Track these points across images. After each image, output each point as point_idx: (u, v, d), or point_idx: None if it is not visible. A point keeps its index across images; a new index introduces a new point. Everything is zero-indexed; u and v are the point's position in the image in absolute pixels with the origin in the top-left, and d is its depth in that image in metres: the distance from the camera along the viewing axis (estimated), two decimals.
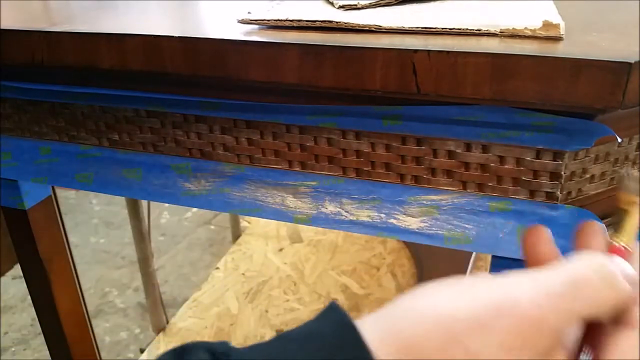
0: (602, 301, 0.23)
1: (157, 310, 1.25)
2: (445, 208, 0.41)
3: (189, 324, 1.28)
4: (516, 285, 0.22)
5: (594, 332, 0.24)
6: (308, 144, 0.42)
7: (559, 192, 0.37)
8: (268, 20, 0.41)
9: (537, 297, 0.22)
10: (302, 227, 1.59)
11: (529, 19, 0.37)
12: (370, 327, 0.21)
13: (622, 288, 0.23)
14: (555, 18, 0.36)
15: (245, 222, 1.64)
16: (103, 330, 1.31)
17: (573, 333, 0.24)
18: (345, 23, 0.39)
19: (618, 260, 0.25)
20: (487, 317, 0.21)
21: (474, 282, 0.23)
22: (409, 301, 0.23)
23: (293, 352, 0.21)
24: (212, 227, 1.71)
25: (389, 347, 0.21)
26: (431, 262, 1.31)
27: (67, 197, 1.90)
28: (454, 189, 0.40)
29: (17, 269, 1.53)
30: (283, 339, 0.22)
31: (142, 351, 1.24)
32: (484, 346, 0.20)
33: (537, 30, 0.35)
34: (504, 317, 0.21)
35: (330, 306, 0.22)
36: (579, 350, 0.24)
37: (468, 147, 0.38)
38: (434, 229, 0.41)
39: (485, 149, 0.37)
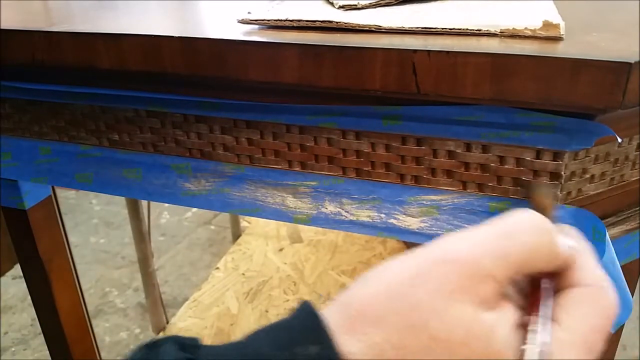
0: (536, 247, 0.23)
1: (157, 310, 1.25)
2: (445, 208, 0.41)
3: (189, 324, 1.28)
4: (452, 240, 0.23)
5: (543, 296, 0.24)
6: (308, 144, 0.42)
7: (559, 192, 0.37)
8: (268, 20, 0.41)
9: (472, 245, 0.22)
10: (302, 227, 1.59)
11: (529, 19, 0.37)
12: (331, 307, 0.23)
13: (555, 237, 0.24)
14: (556, 18, 0.36)
15: (245, 222, 1.64)
16: (103, 330, 1.31)
17: (518, 287, 0.24)
18: (345, 23, 0.39)
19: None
20: (425, 268, 0.22)
21: (417, 249, 0.24)
22: (362, 277, 0.24)
23: (260, 341, 0.22)
24: (212, 227, 1.71)
25: (344, 318, 0.22)
26: None
27: (67, 197, 1.90)
28: (454, 189, 0.40)
29: (17, 269, 1.53)
30: (254, 333, 0.23)
31: None
32: (425, 294, 0.21)
33: (537, 30, 0.35)
34: (437, 266, 0.22)
35: (301, 303, 0.24)
36: (529, 312, 0.24)
37: (468, 147, 0.38)
38: (434, 229, 0.41)
39: (485, 149, 0.37)
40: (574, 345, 0.22)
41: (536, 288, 0.24)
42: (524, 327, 0.22)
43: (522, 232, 0.23)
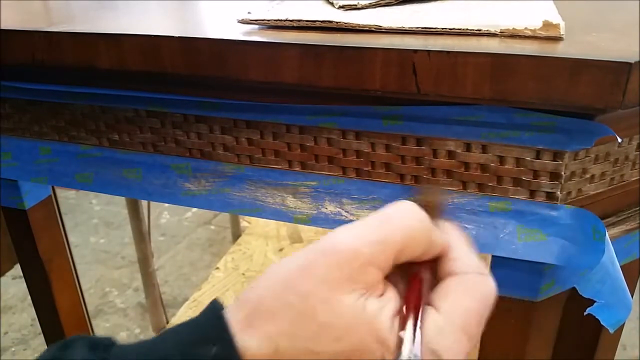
0: (411, 231, 0.24)
1: (157, 310, 1.25)
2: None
3: None
4: (339, 231, 0.24)
5: (421, 284, 0.26)
6: (308, 144, 0.42)
7: (559, 192, 0.37)
8: (268, 20, 0.41)
9: (354, 235, 0.24)
10: (302, 227, 1.59)
11: (529, 19, 0.37)
12: (232, 305, 0.24)
13: (428, 222, 0.25)
14: (555, 18, 0.36)
15: (245, 222, 1.64)
16: (103, 330, 1.31)
17: (399, 282, 0.26)
18: (345, 23, 0.39)
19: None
20: (311, 260, 0.23)
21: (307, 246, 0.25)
22: (261, 275, 0.25)
23: (167, 341, 0.23)
24: (212, 227, 1.71)
25: (242, 314, 0.23)
26: None
27: (67, 197, 1.90)
28: (454, 189, 0.40)
29: (17, 269, 1.53)
30: (166, 330, 0.24)
31: None
32: (312, 284, 0.23)
33: (537, 30, 0.35)
34: (322, 257, 0.23)
35: (212, 301, 0.25)
36: (408, 301, 0.25)
37: (468, 147, 0.38)
38: None
39: (485, 149, 0.37)
40: (452, 329, 0.23)
41: (415, 276, 0.26)
42: (404, 314, 0.24)
43: (400, 217, 0.25)
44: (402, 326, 0.23)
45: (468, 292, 0.25)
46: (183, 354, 0.22)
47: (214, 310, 0.24)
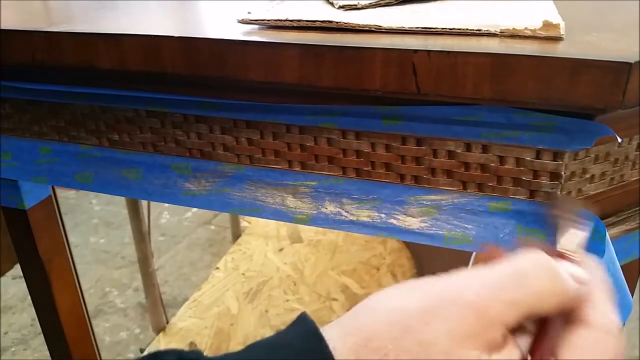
0: (545, 292, 0.23)
1: (157, 310, 1.25)
2: (445, 208, 0.41)
3: (189, 324, 1.28)
4: (462, 279, 0.23)
5: (550, 333, 0.24)
6: (308, 144, 0.42)
7: (559, 192, 0.37)
8: (268, 20, 0.41)
9: (481, 288, 0.23)
10: (302, 227, 1.59)
11: (529, 18, 0.37)
12: (333, 330, 0.23)
13: (564, 281, 0.24)
14: (556, 18, 0.36)
15: (245, 222, 1.64)
16: (103, 330, 1.31)
17: (525, 332, 0.25)
18: (345, 23, 0.39)
19: (564, 262, 0.26)
20: (434, 308, 0.22)
21: (425, 280, 0.24)
22: (366, 302, 0.24)
23: (261, 354, 0.22)
24: (212, 227, 1.71)
25: (349, 344, 0.22)
26: (431, 262, 1.31)
27: (67, 197, 1.90)
28: (454, 189, 0.40)
29: (17, 269, 1.53)
30: (253, 347, 0.23)
31: (142, 351, 1.24)
32: (434, 336, 0.22)
33: (537, 30, 0.35)
34: (450, 307, 0.22)
35: (300, 316, 0.24)
36: (534, 351, 0.24)
37: (468, 147, 0.38)
38: (434, 229, 0.41)
39: (485, 149, 0.37)
40: None
41: (544, 326, 0.24)
42: None
43: (530, 275, 0.23)
44: None
45: (594, 351, 0.23)
46: None
47: (309, 331, 0.23)
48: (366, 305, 0.23)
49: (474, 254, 0.40)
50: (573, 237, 0.28)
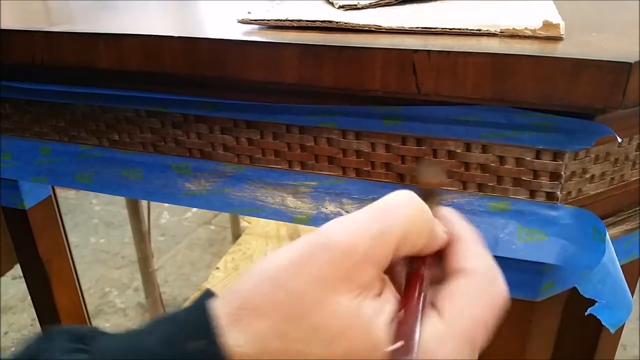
0: (411, 220, 0.23)
1: (157, 310, 1.25)
2: None
3: None
4: (332, 224, 0.23)
5: (425, 284, 0.24)
6: (308, 144, 0.42)
7: (559, 192, 0.37)
8: (268, 20, 0.41)
9: (346, 229, 0.23)
10: (302, 227, 1.59)
11: (529, 19, 0.37)
12: (219, 300, 0.23)
13: (429, 210, 0.24)
14: (556, 18, 0.36)
15: (245, 222, 1.64)
16: None
17: (399, 271, 0.24)
18: (345, 23, 0.39)
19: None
20: (303, 257, 0.22)
21: (298, 239, 0.24)
22: (250, 268, 0.24)
23: (153, 334, 0.22)
24: (212, 227, 1.72)
25: (230, 310, 0.22)
26: None
27: (67, 197, 1.91)
28: (454, 189, 0.40)
29: (17, 269, 1.53)
30: (152, 321, 0.23)
31: None
32: (305, 283, 0.21)
33: (537, 30, 0.35)
34: (320, 253, 0.22)
35: (203, 292, 0.24)
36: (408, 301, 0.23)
37: (468, 147, 0.38)
38: None
39: (485, 149, 0.37)
40: (455, 340, 0.22)
41: (416, 273, 0.24)
42: (402, 317, 0.22)
43: (398, 207, 0.23)
44: (400, 330, 0.22)
45: (476, 299, 0.23)
46: (169, 349, 0.21)
47: (200, 304, 0.23)
48: (248, 271, 0.23)
49: None
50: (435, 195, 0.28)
